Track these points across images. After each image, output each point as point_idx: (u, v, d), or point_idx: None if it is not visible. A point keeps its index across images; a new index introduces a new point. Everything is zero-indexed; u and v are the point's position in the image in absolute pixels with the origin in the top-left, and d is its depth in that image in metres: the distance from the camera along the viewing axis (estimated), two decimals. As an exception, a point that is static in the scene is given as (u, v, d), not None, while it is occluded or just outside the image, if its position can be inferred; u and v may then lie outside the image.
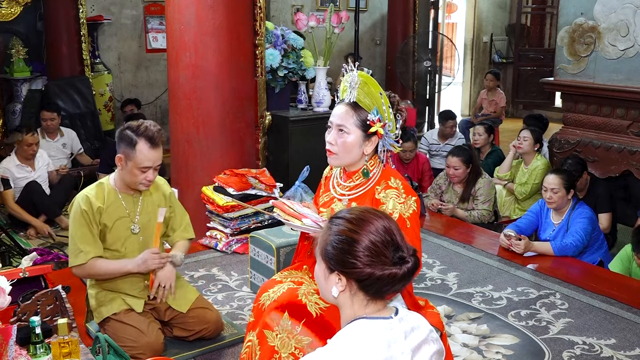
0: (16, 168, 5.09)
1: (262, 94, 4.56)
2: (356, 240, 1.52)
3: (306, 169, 3.19)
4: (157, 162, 2.67)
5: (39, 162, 5.24)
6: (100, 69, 7.31)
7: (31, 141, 5.07)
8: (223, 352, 2.85)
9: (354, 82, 2.26)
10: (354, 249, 1.52)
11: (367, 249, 1.51)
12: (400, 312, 1.58)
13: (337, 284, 1.56)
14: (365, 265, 1.51)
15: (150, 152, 2.62)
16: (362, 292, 1.55)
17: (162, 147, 2.70)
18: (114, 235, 2.71)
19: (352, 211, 1.61)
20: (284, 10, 9.08)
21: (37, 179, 5.15)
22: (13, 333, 2.15)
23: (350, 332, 1.51)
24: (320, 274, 1.62)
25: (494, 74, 8.44)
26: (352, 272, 1.53)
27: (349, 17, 4.87)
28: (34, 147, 5.12)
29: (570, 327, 3.12)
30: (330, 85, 5.98)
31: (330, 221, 1.62)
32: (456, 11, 13.95)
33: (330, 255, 1.56)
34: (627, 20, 4.37)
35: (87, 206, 2.65)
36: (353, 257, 1.52)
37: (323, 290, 1.64)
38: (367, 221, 1.55)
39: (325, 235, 1.59)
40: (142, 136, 2.62)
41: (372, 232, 1.53)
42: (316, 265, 1.65)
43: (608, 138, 4.64)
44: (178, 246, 2.91)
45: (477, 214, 4.62)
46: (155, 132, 2.65)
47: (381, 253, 1.51)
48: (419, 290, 3.44)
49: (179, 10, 4.13)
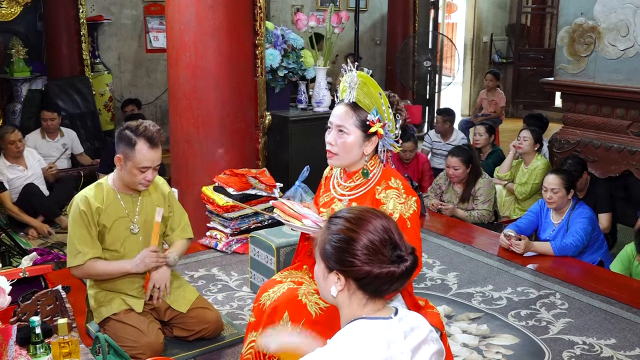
0: (8, 169, 5.07)
1: (262, 94, 4.56)
2: (354, 239, 1.53)
3: (306, 169, 3.19)
4: (156, 162, 2.67)
5: (30, 159, 5.21)
6: (100, 69, 7.31)
7: (13, 138, 5.03)
8: (223, 352, 2.85)
9: (353, 83, 2.26)
10: (352, 248, 1.53)
11: (365, 247, 1.52)
12: (400, 312, 1.58)
13: (336, 283, 1.57)
14: (364, 263, 1.51)
15: (149, 152, 2.62)
16: (360, 291, 1.55)
17: (161, 147, 2.70)
18: (113, 235, 2.71)
19: (351, 211, 1.62)
20: (284, 10, 9.08)
21: (32, 177, 5.13)
22: (13, 333, 2.15)
23: (350, 332, 1.51)
24: (320, 273, 1.63)
25: (494, 74, 8.44)
26: (351, 271, 1.53)
27: (349, 17, 4.87)
28: (18, 145, 5.08)
29: (570, 327, 3.12)
30: (330, 85, 5.97)
31: (329, 221, 1.62)
32: (456, 11, 13.96)
33: (329, 254, 1.56)
34: (627, 20, 4.37)
35: (85, 207, 2.65)
36: (351, 256, 1.52)
37: (322, 290, 1.65)
38: (366, 220, 1.56)
39: (324, 235, 1.60)
40: (141, 136, 2.61)
41: (371, 231, 1.54)
42: (316, 265, 1.65)
43: (608, 138, 4.64)
44: (175, 246, 2.91)
45: (477, 214, 4.62)
46: (154, 132, 2.64)
47: (379, 251, 1.52)
48: (419, 290, 3.44)
49: (179, 10, 4.13)
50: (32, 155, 5.28)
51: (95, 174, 5.42)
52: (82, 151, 6.18)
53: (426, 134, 6.49)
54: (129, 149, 2.61)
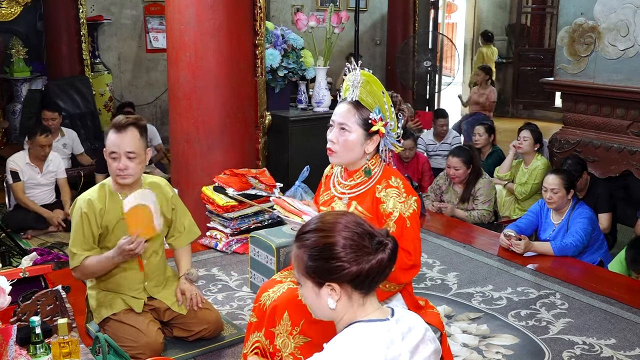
0: (26, 166, 5.07)
1: (262, 94, 4.56)
2: (333, 243, 1.50)
3: (306, 169, 3.20)
4: (123, 147, 2.60)
5: (48, 165, 5.17)
6: (100, 69, 7.32)
7: (44, 142, 5.02)
8: (223, 352, 2.85)
9: (356, 81, 2.26)
10: (334, 253, 1.50)
11: (346, 247, 1.50)
12: (396, 313, 1.57)
13: (332, 295, 1.53)
14: (352, 263, 1.49)
15: (114, 135, 2.61)
16: (357, 292, 1.53)
17: (134, 133, 2.62)
18: (116, 236, 2.69)
19: (313, 222, 1.58)
20: (284, 10, 9.08)
21: (42, 182, 5.13)
22: (13, 333, 2.15)
23: (348, 336, 1.50)
24: (310, 294, 1.57)
25: (482, 68, 8.39)
26: (343, 275, 1.50)
27: (349, 17, 4.87)
28: (46, 149, 5.07)
29: (570, 327, 3.12)
30: (330, 86, 5.98)
31: (297, 240, 1.57)
32: (456, 11, 13.95)
33: (314, 269, 1.52)
34: (627, 20, 4.37)
35: (88, 209, 2.64)
36: (337, 260, 1.49)
37: (316, 309, 1.59)
38: (334, 222, 1.54)
39: (300, 255, 1.55)
40: (111, 125, 2.66)
41: (344, 230, 1.52)
42: (300, 290, 1.60)
43: (608, 138, 4.64)
44: (185, 259, 2.95)
45: (477, 214, 4.62)
46: (122, 119, 2.64)
47: (361, 245, 1.50)
48: (419, 290, 3.44)
49: (179, 10, 4.13)
50: (53, 163, 5.21)
51: (94, 174, 5.41)
52: (82, 151, 6.18)
53: (419, 136, 6.47)
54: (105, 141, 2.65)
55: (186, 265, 2.95)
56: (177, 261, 2.98)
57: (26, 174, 5.06)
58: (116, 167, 2.61)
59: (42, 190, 5.15)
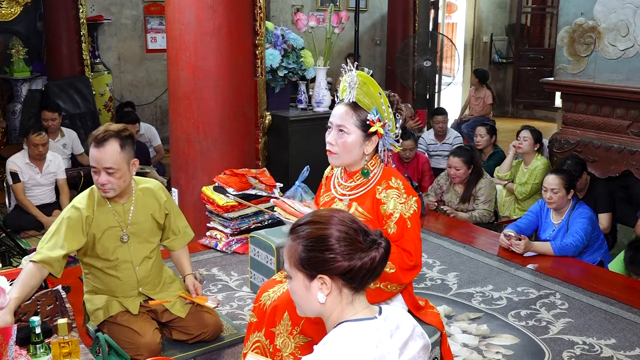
0: (25, 166, 5.06)
1: (262, 94, 4.56)
2: (327, 235, 1.51)
3: (306, 169, 3.19)
4: (102, 162, 2.53)
5: (48, 166, 5.16)
6: (100, 69, 7.31)
7: (37, 141, 4.99)
8: (223, 352, 2.85)
9: (353, 82, 2.26)
10: (328, 244, 1.50)
11: (341, 239, 1.50)
12: (384, 311, 1.56)
13: (322, 289, 1.52)
14: (345, 256, 1.49)
15: (93, 150, 2.56)
16: (347, 288, 1.53)
17: (114, 147, 2.54)
18: (103, 245, 2.66)
19: (309, 215, 1.59)
20: (284, 10, 9.09)
21: (42, 182, 5.13)
22: (13, 333, 2.15)
23: (337, 336, 1.50)
24: (299, 288, 1.56)
25: (476, 72, 8.48)
26: (335, 268, 1.50)
27: (349, 17, 4.87)
28: (40, 148, 5.03)
29: (570, 327, 3.12)
30: (330, 86, 5.98)
31: (292, 232, 1.57)
32: (456, 11, 13.94)
33: (307, 260, 1.52)
34: (627, 20, 4.37)
35: (74, 214, 2.59)
36: (330, 252, 1.50)
37: (305, 304, 1.58)
38: (329, 216, 1.55)
39: (294, 247, 1.55)
40: (91, 138, 2.58)
41: (338, 223, 1.53)
42: (290, 284, 1.60)
43: (608, 138, 4.64)
44: (185, 260, 2.96)
45: (478, 214, 4.62)
46: (100, 132, 2.55)
47: (355, 240, 1.51)
48: (419, 290, 3.45)
49: (179, 10, 4.13)
50: (53, 163, 5.19)
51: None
52: (82, 151, 6.17)
53: (420, 136, 6.48)
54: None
55: (188, 265, 2.95)
56: (177, 264, 2.98)
57: (26, 173, 5.05)
58: (97, 180, 2.58)
59: (42, 190, 5.16)
